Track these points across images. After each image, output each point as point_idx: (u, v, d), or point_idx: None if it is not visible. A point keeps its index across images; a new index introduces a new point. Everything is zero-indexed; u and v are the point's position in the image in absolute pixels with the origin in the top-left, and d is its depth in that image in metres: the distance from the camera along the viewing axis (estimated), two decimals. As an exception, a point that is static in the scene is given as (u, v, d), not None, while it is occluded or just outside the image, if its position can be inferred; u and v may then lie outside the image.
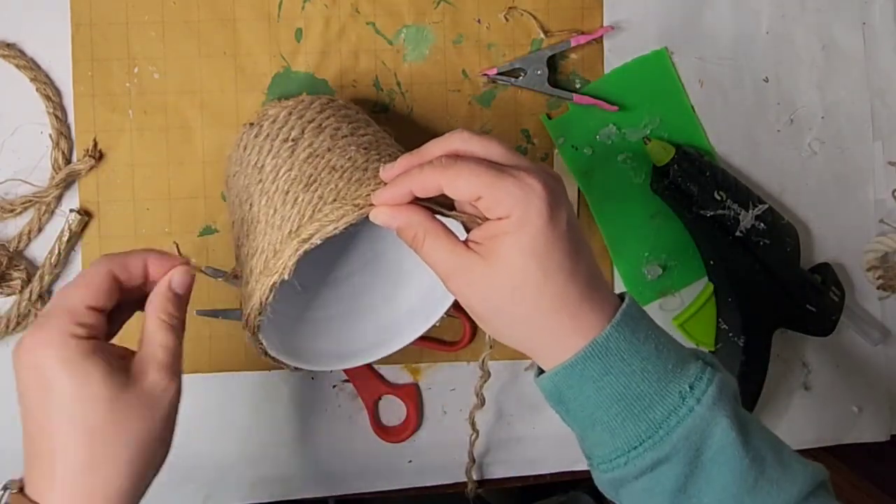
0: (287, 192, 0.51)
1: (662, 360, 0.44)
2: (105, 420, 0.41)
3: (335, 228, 0.47)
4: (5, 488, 0.43)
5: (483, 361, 0.59)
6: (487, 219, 0.44)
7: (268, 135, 0.55)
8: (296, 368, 0.55)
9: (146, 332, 0.45)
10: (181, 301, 0.46)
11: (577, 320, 0.44)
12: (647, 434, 0.43)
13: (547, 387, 0.46)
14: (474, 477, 0.66)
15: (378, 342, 0.59)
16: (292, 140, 0.54)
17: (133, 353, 0.45)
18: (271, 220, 0.51)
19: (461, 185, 0.43)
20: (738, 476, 0.43)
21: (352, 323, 0.59)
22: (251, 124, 0.57)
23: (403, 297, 0.60)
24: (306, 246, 0.48)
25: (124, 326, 0.48)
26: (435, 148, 0.46)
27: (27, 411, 0.42)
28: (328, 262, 0.61)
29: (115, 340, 0.46)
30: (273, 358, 0.53)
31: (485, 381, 0.60)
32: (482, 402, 0.62)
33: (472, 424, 0.63)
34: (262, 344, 0.52)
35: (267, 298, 0.48)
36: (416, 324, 0.59)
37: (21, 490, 0.42)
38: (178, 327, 0.45)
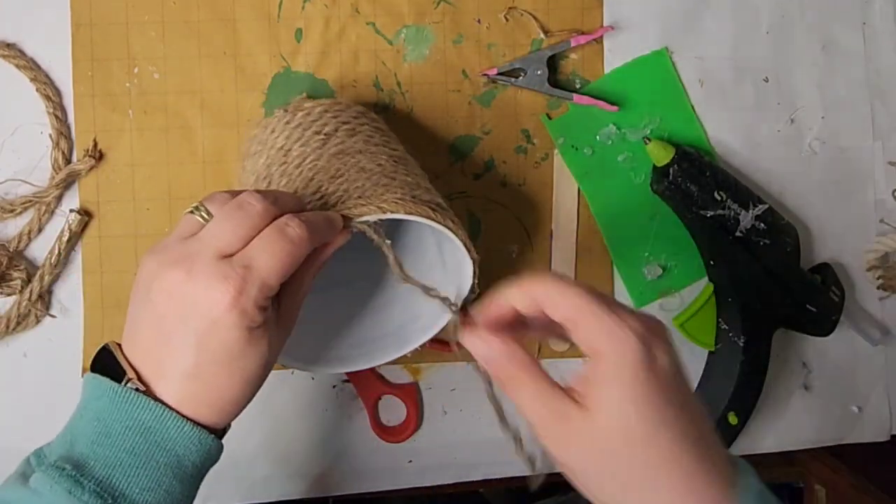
0: (311, 179, 0.51)
1: None
2: (260, 372, 0.44)
3: (363, 222, 0.48)
4: (107, 351, 0.45)
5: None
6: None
7: (300, 124, 0.55)
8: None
9: (304, 283, 0.46)
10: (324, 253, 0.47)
11: (693, 482, 0.39)
12: None
13: None
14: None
15: (348, 356, 0.58)
16: (325, 134, 0.54)
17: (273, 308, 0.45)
18: None
19: (562, 303, 0.40)
20: None
21: (331, 331, 0.59)
22: (284, 110, 0.57)
23: (387, 318, 0.59)
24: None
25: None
26: (547, 294, 0.41)
27: (174, 323, 0.42)
28: (327, 267, 0.61)
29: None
30: None
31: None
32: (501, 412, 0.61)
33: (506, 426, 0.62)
34: None
35: None
36: (389, 348, 0.58)
37: (138, 378, 0.43)
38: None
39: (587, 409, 0.39)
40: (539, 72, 0.65)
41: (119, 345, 0.45)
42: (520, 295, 0.42)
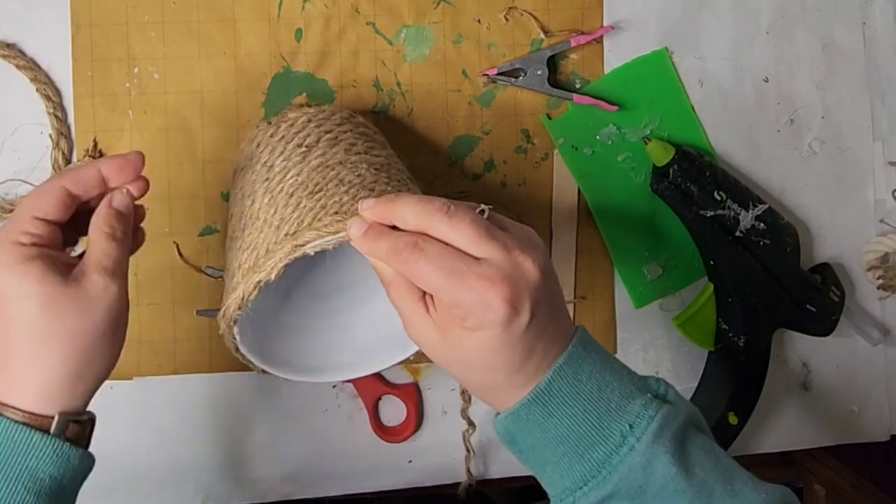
0: (291, 195, 0.51)
1: (605, 401, 0.45)
2: (39, 316, 0.43)
3: (331, 240, 0.48)
4: None
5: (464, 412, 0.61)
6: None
7: (283, 136, 0.55)
8: (263, 371, 0.55)
9: (90, 242, 0.46)
10: (124, 217, 0.48)
11: (526, 388, 0.45)
12: (591, 474, 0.44)
13: (499, 430, 0.47)
14: (477, 477, 0.66)
15: (345, 363, 0.58)
16: (306, 146, 0.54)
17: (75, 261, 0.46)
18: (270, 220, 0.51)
19: (422, 282, 0.44)
20: None
21: (327, 338, 0.59)
22: (269, 123, 0.57)
23: (387, 323, 0.59)
24: (299, 252, 0.48)
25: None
26: (408, 212, 0.45)
27: None
28: (317, 272, 0.61)
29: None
30: (243, 355, 0.53)
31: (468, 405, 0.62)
32: (471, 425, 0.63)
33: (468, 444, 0.64)
34: (235, 339, 0.52)
35: (250, 295, 0.49)
36: (392, 352, 0.58)
37: None
38: (121, 239, 0.47)
39: (444, 337, 0.44)
40: (539, 72, 0.65)
41: None
42: (411, 217, 0.45)
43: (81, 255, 0.47)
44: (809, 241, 0.69)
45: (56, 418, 0.43)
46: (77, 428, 0.45)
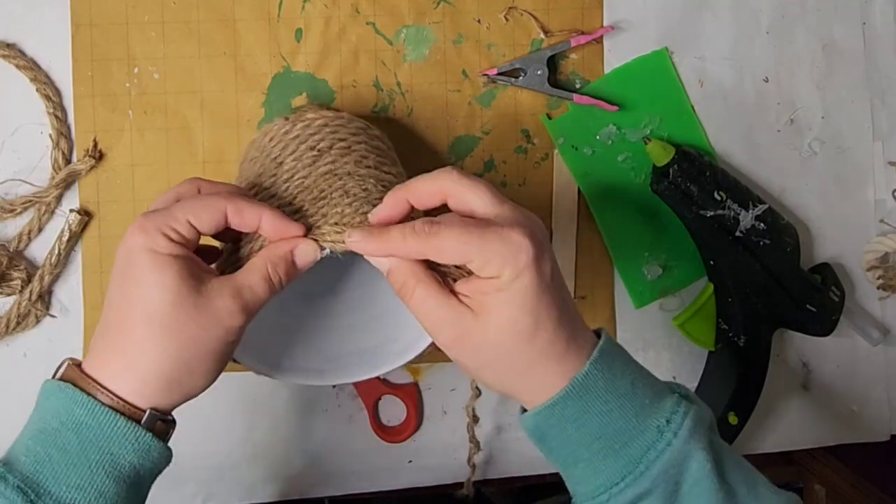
0: (295, 198, 0.51)
1: (639, 396, 0.45)
2: (167, 310, 0.43)
3: (325, 251, 0.48)
4: (61, 364, 0.46)
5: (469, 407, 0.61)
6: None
7: (297, 136, 0.55)
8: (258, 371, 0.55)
9: (249, 268, 0.46)
10: (294, 271, 0.47)
11: (563, 364, 0.45)
12: (627, 470, 0.44)
13: (530, 426, 0.46)
14: (477, 477, 0.66)
15: (322, 370, 0.57)
16: (318, 150, 0.54)
17: (216, 273, 0.47)
18: None
19: (448, 252, 0.44)
20: None
21: (311, 340, 0.59)
22: (286, 119, 0.57)
23: (366, 336, 0.59)
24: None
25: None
26: (423, 185, 0.46)
27: (111, 285, 0.45)
28: (313, 273, 0.60)
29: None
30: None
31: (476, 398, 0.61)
32: (475, 419, 0.62)
33: (472, 437, 0.63)
34: None
35: None
36: (363, 366, 0.58)
37: (79, 365, 0.45)
38: (275, 287, 0.47)
39: (480, 315, 0.44)
40: (539, 72, 0.65)
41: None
42: (427, 195, 0.46)
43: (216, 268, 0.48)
44: (809, 241, 0.69)
45: (147, 412, 0.44)
46: (162, 426, 0.45)
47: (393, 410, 0.67)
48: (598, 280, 0.67)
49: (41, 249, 0.62)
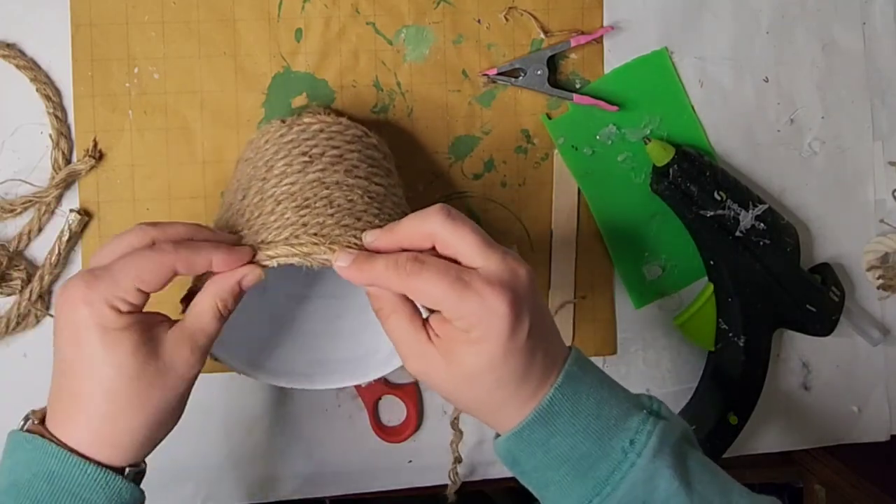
0: (279, 203, 0.51)
1: (604, 418, 0.45)
2: (127, 386, 0.43)
3: (300, 261, 0.48)
4: (27, 418, 0.46)
5: (454, 422, 0.61)
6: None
7: (292, 140, 0.55)
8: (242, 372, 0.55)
9: (197, 310, 0.46)
10: (240, 296, 0.47)
11: (529, 396, 0.45)
12: (594, 492, 0.44)
13: (501, 452, 0.47)
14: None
15: (304, 374, 0.58)
16: (309, 157, 0.54)
17: (167, 319, 0.46)
18: (252, 221, 0.51)
19: (425, 297, 0.44)
20: None
21: (304, 344, 0.58)
22: (283, 122, 0.57)
23: (351, 343, 0.59)
24: (269, 262, 0.48)
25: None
26: (412, 229, 0.46)
27: (58, 351, 0.45)
28: (306, 276, 0.60)
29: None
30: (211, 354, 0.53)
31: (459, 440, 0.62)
32: (458, 460, 0.63)
33: (455, 451, 0.63)
34: None
35: None
36: (345, 374, 0.58)
37: (42, 421, 0.45)
38: (226, 318, 0.47)
39: (446, 359, 0.44)
40: (539, 72, 0.65)
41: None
42: (417, 238, 0.46)
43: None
44: (809, 241, 0.69)
45: (126, 471, 0.45)
46: (136, 473, 0.46)
47: (393, 410, 0.67)
48: (598, 280, 0.67)
49: (41, 249, 0.62)
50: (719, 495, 0.45)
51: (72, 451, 0.43)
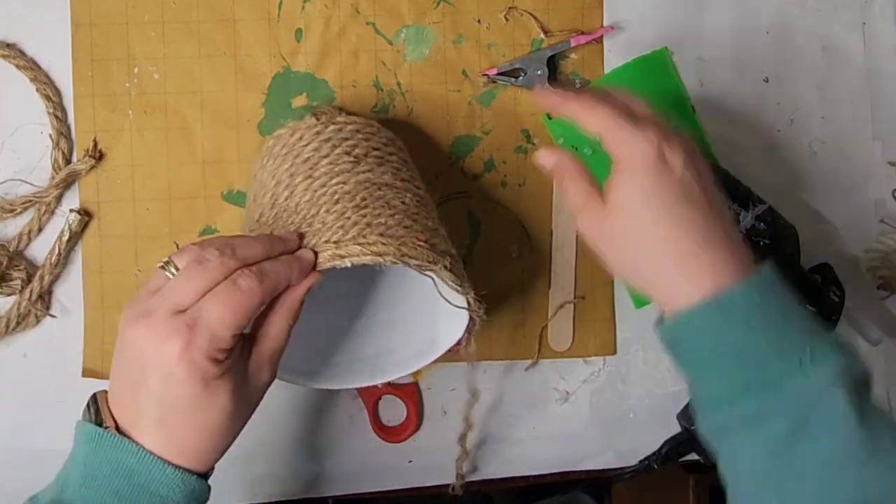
0: (336, 202, 0.51)
1: (789, 330, 0.44)
2: (225, 421, 0.45)
3: (371, 260, 0.48)
4: (95, 409, 0.46)
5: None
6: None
7: (329, 139, 0.55)
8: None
9: (272, 330, 0.47)
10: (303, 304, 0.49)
11: (690, 268, 0.45)
12: (757, 383, 0.43)
13: (665, 334, 0.47)
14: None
15: (321, 374, 0.58)
16: (354, 157, 0.54)
17: (243, 337, 0.47)
18: (310, 219, 0.51)
19: (588, 122, 0.48)
20: (847, 447, 0.41)
21: (319, 344, 0.59)
22: (315, 118, 0.56)
23: (367, 343, 0.59)
24: (339, 262, 0.48)
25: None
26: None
27: (137, 378, 0.44)
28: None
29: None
30: None
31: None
32: (475, 397, 0.62)
33: (462, 443, 0.64)
34: None
35: None
36: (362, 374, 0.58)
37: (117, 427, 0.45)
38: (292, 328, 0.48)
39: (606, 206, 0.47)
40: (539, 72, 0.65)
41: (106, 392, 0.47)
42: (564, 107, 0.50)
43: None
44: (809, 241, 0.69)
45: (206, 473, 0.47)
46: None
47: (393, 410, 0.67)
48: (598, 280, 0.67)
49: (41, 249, 0.62)
50: (892, 437, 0.42)
51: (149, 451, 0.44)
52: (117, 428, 0.45)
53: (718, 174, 0.64)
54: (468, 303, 0.52)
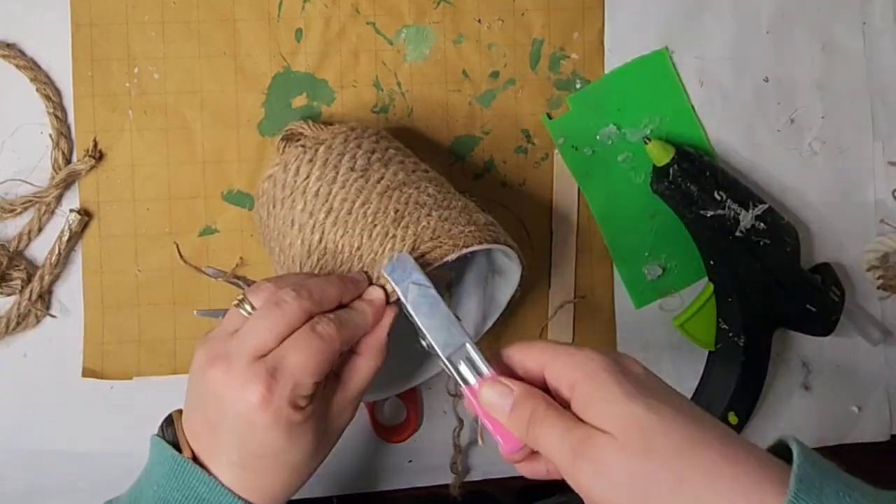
0: (374, 226, 0.50)
1: None
2: (305, 460, 0.45)
3: (436, 265, 0.48)
4: (169, 423, 0.47)
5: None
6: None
7: (326, 160, 0.53)
8: None
9: (358, 374, 0.47)
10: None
11: (740, 474, 0.37)
12: None
13: None
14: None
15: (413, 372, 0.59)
16: (360, 170, 0.52)
17: (325, 379, 0.45)
18: (358, 254, 0.50)
19: (528, 359, 0.44)
20: None
21: (405, 350, 0.58)
22: (303, 148, 0.54)
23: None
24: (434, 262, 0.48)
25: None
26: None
27: (216, 416, 0.44)
28: None
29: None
30: None
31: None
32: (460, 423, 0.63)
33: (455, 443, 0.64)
34: None
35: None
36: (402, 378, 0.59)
37: (193, 456, 0.45)
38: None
39: (604, 432, 0.39)
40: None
41: (181, 412, 0.47)
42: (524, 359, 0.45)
43: None
44: (809, 241, 0.69)
45: None
46: None
47: (393, 410, 0.67)
48: (598, 280, 0.67)
49: (41, 249, 0.62)
50: None
51: (221, 483, 0.44)
52: (194, 457, 0.45)
53: (718, 174, 0.64)
54: (517, 255, 0.53)
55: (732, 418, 0.66)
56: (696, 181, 0.63)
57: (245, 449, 0.44)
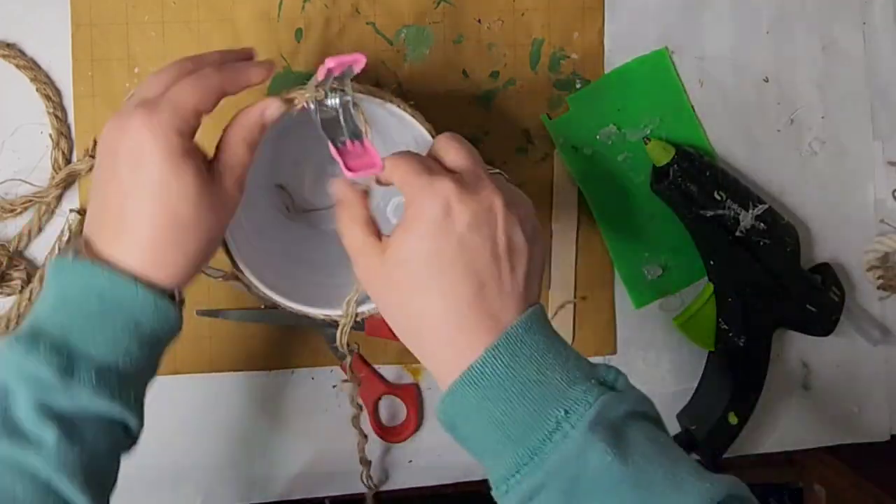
0: None
1: (544, 385, 0.42)
2: (189, 211, 0.44)
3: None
4: (74, 249, 0.45)
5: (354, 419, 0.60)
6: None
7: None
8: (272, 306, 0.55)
9: (229, 143, 0.47)
10: (265, 129, 0.48)
11: (467, 344, 0.43)
12: (523, 461, 0.41)
13: (440, 416, 0.45)
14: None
15: (288, 291, 0.56)
16: None
17: (205, 153, 0.47)
18: None
19: (391, 176, 0.46)
20: (620, 497, 0.40)
21: (298, 268, 0.59)
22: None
23: (345, 272, 0.58)
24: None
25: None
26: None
27: (109, 174, 0.45)
28: (318, 242, 0.61)
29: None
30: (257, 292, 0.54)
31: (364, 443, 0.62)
32: (363, 437, 0.62)
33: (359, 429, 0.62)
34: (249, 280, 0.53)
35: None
36: (330, 299, 0.57)
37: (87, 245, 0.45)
38: (254, 148, 0.48)
39: (384, 255, 0.45)
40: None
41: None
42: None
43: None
44: (809, 241, 0.69)
45: (177, 293, 0.47)
46: (180, 297, 0.48)
47: (393, 410, 0.67)
48: (598, 280, 0.67)
49: (41, 249, 0.62)
50: (662, 470, 0.41)
51: (121, 271, 0.44)
52: (89, 247, 0.45)
53: (718, 174, 0.64)
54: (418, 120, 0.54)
55: (732, 418, 0.66)
56: (696, 181, 0.63)
57: (132, 192, 0.44)
